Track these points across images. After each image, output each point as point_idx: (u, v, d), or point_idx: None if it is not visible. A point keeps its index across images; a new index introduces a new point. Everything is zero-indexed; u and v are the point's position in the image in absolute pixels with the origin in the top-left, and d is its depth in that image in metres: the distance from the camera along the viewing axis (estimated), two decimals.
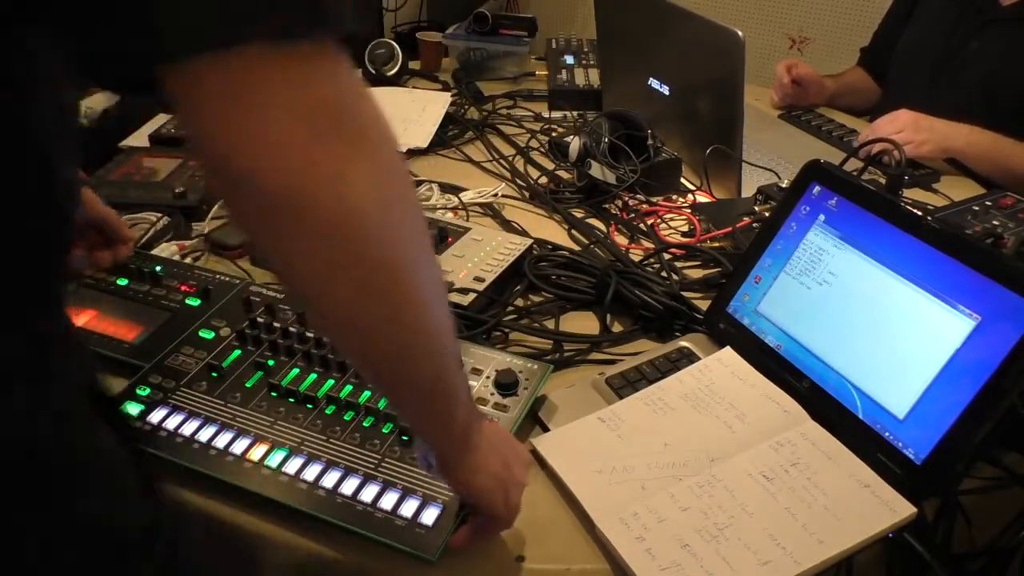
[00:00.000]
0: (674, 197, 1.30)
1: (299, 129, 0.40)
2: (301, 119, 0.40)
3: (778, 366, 0.86)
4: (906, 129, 1.39)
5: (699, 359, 0.90)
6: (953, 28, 1.58)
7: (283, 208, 0.41)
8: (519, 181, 1.35)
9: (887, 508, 0.70)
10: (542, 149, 1.46)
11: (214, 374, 0.82)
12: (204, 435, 0.75)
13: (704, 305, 0.97)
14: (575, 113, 1.62)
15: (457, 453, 0.59)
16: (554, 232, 1.20)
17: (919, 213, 0.81)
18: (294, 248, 0.43)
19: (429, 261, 0.49)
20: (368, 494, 0.70)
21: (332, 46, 0.41)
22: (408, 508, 0.69)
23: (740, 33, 1.15)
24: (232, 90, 0.39)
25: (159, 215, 1.12)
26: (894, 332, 0.78)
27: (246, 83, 0.39)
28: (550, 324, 0.99)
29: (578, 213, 1.25)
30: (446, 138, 1.50)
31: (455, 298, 0.96)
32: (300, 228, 0.42)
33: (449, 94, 1.63)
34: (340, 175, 0.41)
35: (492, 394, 0.81)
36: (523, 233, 1.17)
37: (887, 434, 0.76)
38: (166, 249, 1.07)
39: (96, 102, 1.54)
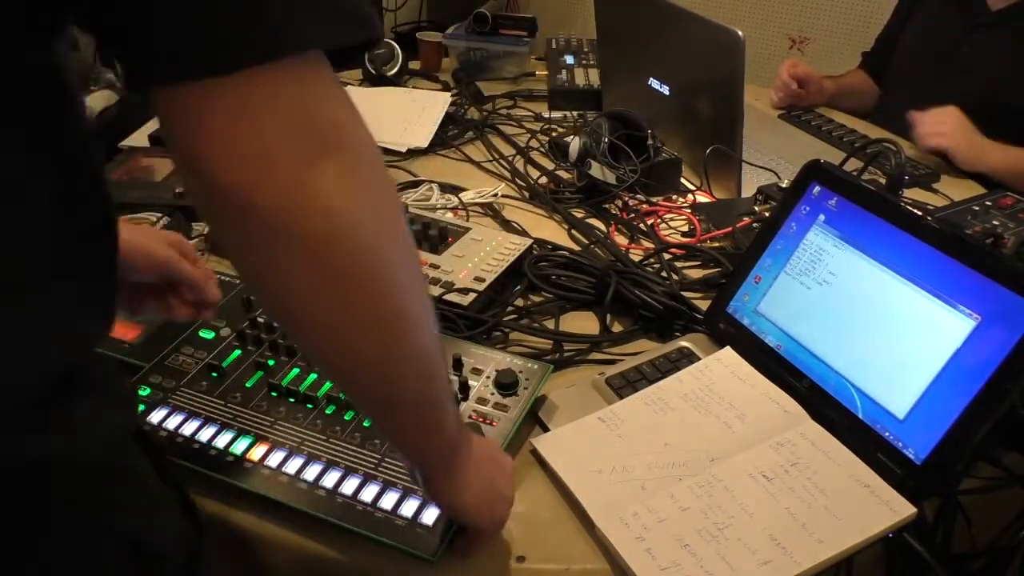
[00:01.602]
0: (674, 197, 1.30)
1: (287, 148, 0.40)
2: (289, 138, 0.40)
3: (778, 366, 0.86)
4: (950, 122, 1.39)
5: (699, 359, 0.90)
6: (946, 32, 1.58)
7: (270, 225, 0.41)
8: (519, 181, 1.35)
9: (887, 508, 0.70)
10: (542, 149, 1.46)
11: (214, 374, 0.82)
12: (204, 435, 0.75)
13: (704, 305, 0.97)
14: (575, 113, 1.62)
15: (441, 474, 0.59)
16: (554, 232, 1.20)
17: (919, 213, 0.81)
18: (280, 264, 0.43)
19: (416, 276, 0.49)
20: (368, 494, 0.70)
21: (318, 61, 0.41)
22: (408, 508, 0.69)
23: (740, 33, 1.15)
24: (221, 113, 0.39)
25: (159, 215, 1.12)
26: (894, 332, 0.78)
27: (235, 106, 0.39)
28: (550, 324, 0.99)
29: (578, 213, 1.25)
30: (446, 138, 1.50)
31: (455, 298, 0.96)
32: (287, 245, 0.41)
33: (449, 94, 1.63)
34: (329, 192, 0.41)
35: (492, 394, 0.81)
36: (523, 233, 1.17)
37: (887, 434, 0.76)
38: None
39: (95, 102, 1.55)
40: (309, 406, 0.79)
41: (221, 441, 0.74)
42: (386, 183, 0.47)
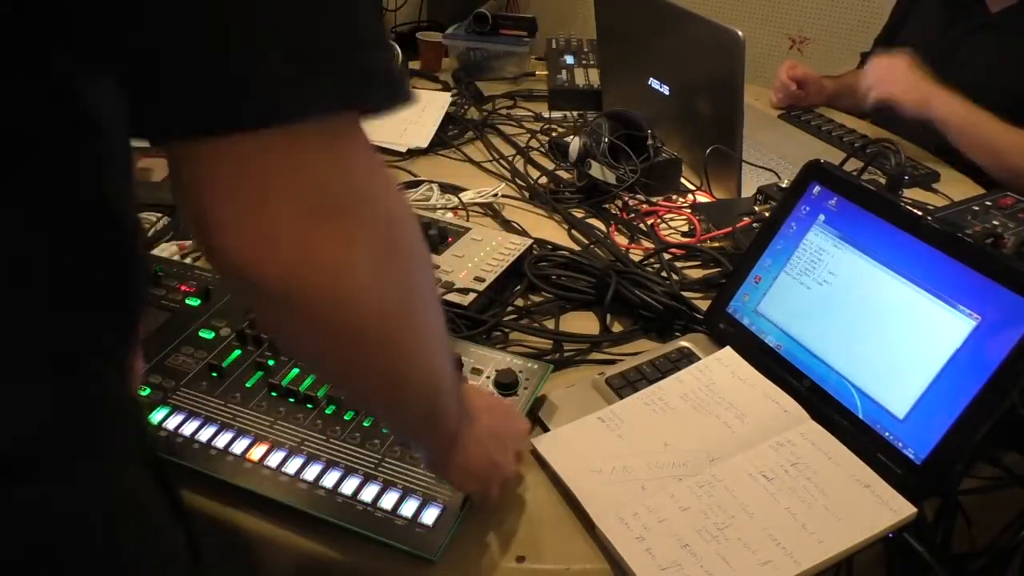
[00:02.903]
0: (674, 197, 1.30)
1: (298, 218, 0.38)
2: (301, 207, 0.38)
3: (778, 366, 0.86)
4: (895, 71, 1.41)
5: (699, 359, 0.90)
6: (944, 32, 1.58)
7: (280, 295, 0.40)
8: (519, 181, 1.35)
9: (887, 508, 0.70)
10: (542, 149, 1.46)
11: (214, 374, 0.82)
12: (204, 435, 0.75)
13: (704, 305, 0.97)
14: (575, 113, 1.62)
15: (445, 457, 0.61)
16: (554, 232, 1.20)
17: (919, 213, 0.81)
18: (285, 326, 0.44)
19: (431, 319, 0.49)
20: (368, 494, 0.70)
21: (339, 122, 0.39)
22: (408, 508, 0.69)
23: (740, 33, 1.15)
24: (232, 177, 0.37)
25: (159, 215, 1.12)
26: (894, 332, 0.78)
27: (246, 171, 0.37)
28: (550, 324, 0.99)
29: (578, 213, 1.25)
30: (446, 138, 1.50)
31: (455, 298, 0.96)
32: (298, 312, 0.41)
33: (449, 94, 1.63)
34: (338, 260, 0.40)
35: (492, 394, 0.81)
36: (523, 233, 1.17)
37: (887, 434, 0.76)
38: (166, 249, 1.07)
39: None
40: (309, 406, 0.79)
41: (221, 441, 0.74)
42: (405, 246, 0.45)
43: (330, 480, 0.71)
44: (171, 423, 0.76)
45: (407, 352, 0.48)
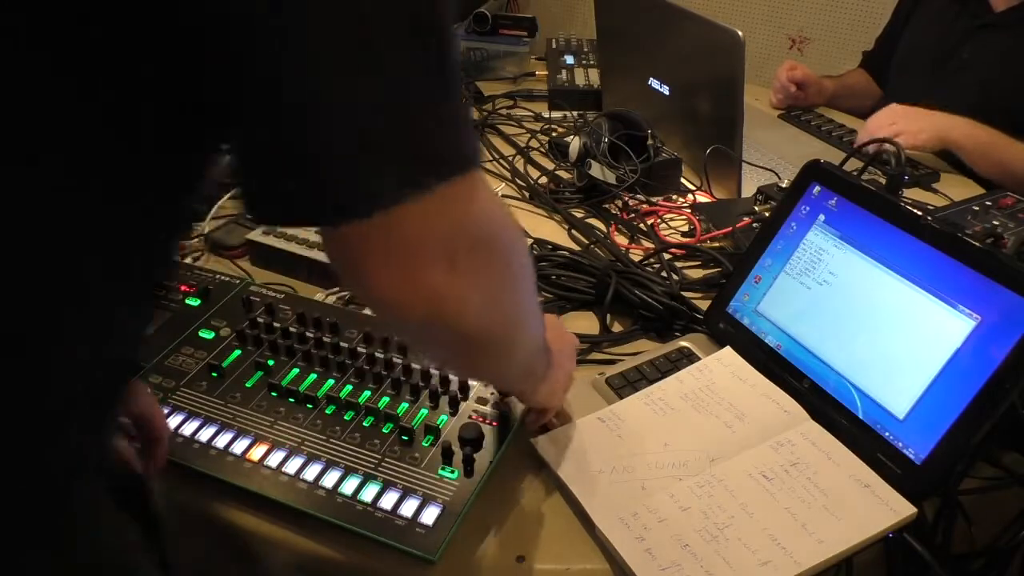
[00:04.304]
0: (674, 197, 1.30)
1: (437, 271, 0.44)
2: (440, 262, 0.44)
3: (778, 366, 0.86)
4: (899, 121, 1.39)
5: (699, 359, 0.90)
6: (948, 32, 1.58)
7: (424, 326, 0.48)
8: (519, 181, 1.35)
9: (887, 508, 0.70)
10: (542, 149, 1.46)
11: (214, 374, 0.82)
12: (204, 435, 0.75)
13: (704, 305, 0.97)
14: (575, 113, 1.62)
15: (535, 392, 0.72)
16: (554, 232, 1.20)
17: (919, 213, 0.80)
18: (427, 344, 0.59)
19: (532, 323, 0.60)
20: (368, 494, 0.70)
21: (464, 178, 0.44)
22: (408, 508, 0.69)
23: (740, 33, 1.15)
24: (379, 250, 0.43)
25: None
26: (894, 332, 0.78)
27: (389, 242, 0.43)
28: None
29: (578, 213, 1.25)
30: None
31: None
32: (436, 335, 0.50)
33: None
34: (469, 296, 0.47)
35: (492, 394, 0.81)
36: (523, 233, 1.17)
37: (887, 434, 0.76)
38: None
39: None
40: (309, 406, 0.79)
41: (221, 441, 0.74)
42: (518, 270, 0.53)
43: (330, 480, 0.71)
44: (171, 423, 0.76)
45: (514, 354, 0.59)
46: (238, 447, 0.74)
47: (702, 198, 1.30)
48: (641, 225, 1.21)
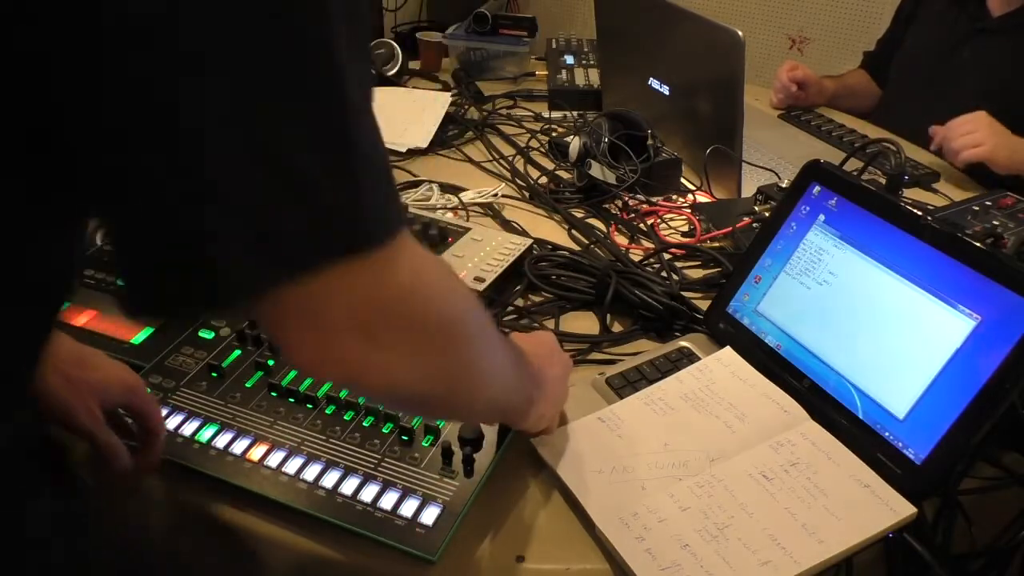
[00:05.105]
0: (674, 197, 1.30)
1: (354, 345, 0.43)
2: (352, 334, 0.43)
3: (778, 366, 0.86)
4: (982, 129, 1.35)
5: (699, 359, 0.90)
6: (948, 34, 1.58)
7: (347, 385, 0.52)
8: (519, 181, 1.35)
9: (887, 508, 0.70)
10: (542, 149, 1.46)
11: (214, 374, 0.82)
12: (204, 435, 0.75)
13: (704, 305, 0.97)
14: (575, 113, 1.62)
15: (524, 423, 0.71)
16: (554, 232, 1.20)
17: (919, 213, 0.80)
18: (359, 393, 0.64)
19: (491, 380, 0.56)
20: (368, 494, 0.70)
21: (377, 248, 0.42)
22: (408, 508, 0.69)
23: (740, 33, 1.15)
24: (291, 316, 0.42)
25: None
26: (894, 332, 0.78)
27: (299, 311, 0.42)
28: (550, 324, 0.99)
29: (578, 213, 1.25)
30: (446, 138, 1.50)
31: None
32: (362, 393, 0.57)
33: (449, 94, 1.63)
34: (389, 362, 0.45)
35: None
36: (523, 233, 1.17)
37: (887, 434, 0.76)
38: None
39: None
40: (309, 406, 0.79)
41: (221, 441, 0.74)
42: (458, 335, 0.50)
43: (330, 480, 0.71)
44: (171, 423, 0.76)
45: (474, 404, 0.56)
46: (238, 447, 0.74)
47: (702, 198, 1.30)
48: (641, 225, 1.21)
